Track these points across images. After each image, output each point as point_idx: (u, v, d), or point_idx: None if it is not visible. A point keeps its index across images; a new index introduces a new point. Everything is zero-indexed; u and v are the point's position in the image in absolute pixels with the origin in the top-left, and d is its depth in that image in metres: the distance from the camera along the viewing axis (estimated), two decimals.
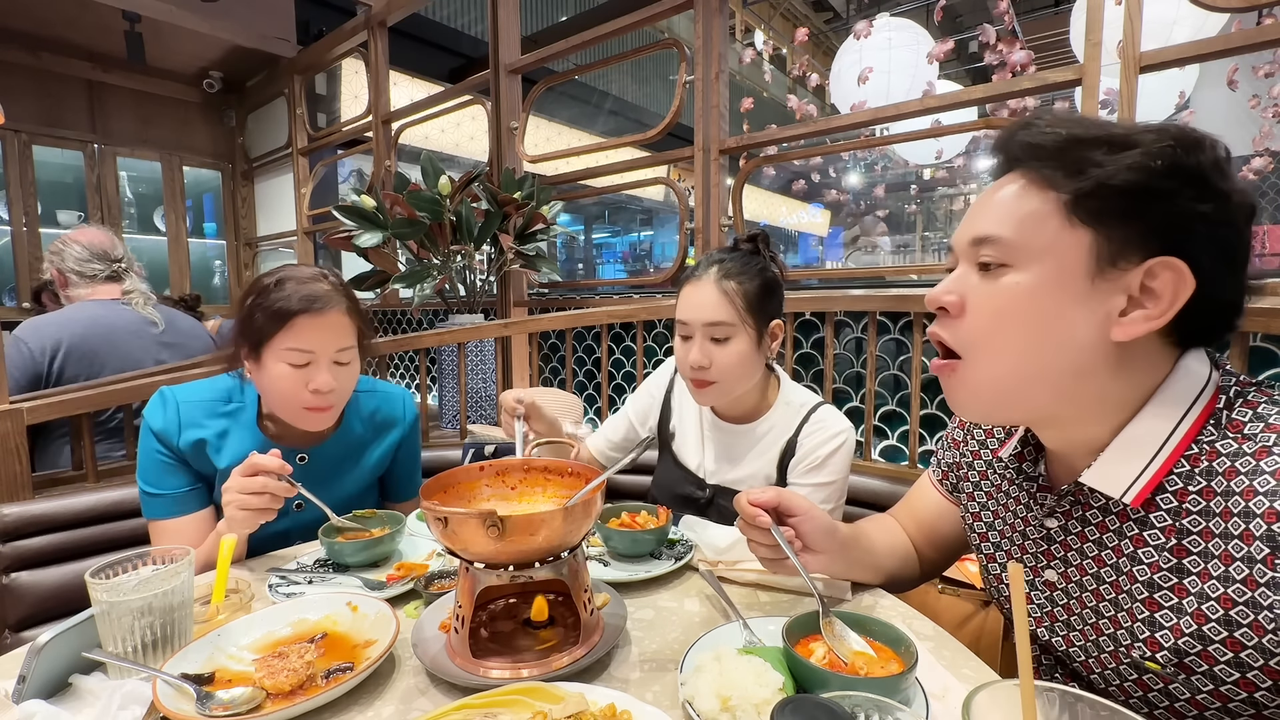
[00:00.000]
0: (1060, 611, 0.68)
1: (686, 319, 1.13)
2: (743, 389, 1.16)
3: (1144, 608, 0.59)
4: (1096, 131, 0.56)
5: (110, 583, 0.69)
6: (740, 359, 1.11)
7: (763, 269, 1.13)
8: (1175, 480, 0.57)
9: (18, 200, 3.69)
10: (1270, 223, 4.39)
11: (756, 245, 1.18)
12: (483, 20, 5.54)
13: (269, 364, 1.05)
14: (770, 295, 1.13)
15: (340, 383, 1.08)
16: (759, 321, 1.11)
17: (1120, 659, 0.61)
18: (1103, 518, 0.63)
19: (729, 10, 2.42)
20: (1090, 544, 0.64)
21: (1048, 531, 0.68)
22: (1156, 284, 0.54)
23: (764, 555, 0.81)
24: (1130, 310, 0.55)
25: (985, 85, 1.87)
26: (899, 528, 0.96)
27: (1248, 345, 1.32)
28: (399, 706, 0.64)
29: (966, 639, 0.93)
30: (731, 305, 1.09)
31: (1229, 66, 3.39)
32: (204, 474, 1.11)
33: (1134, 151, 0.53)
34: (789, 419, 1.17)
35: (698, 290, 1.11)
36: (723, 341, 1.10)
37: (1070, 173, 0.55)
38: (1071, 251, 0.55)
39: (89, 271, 1.93)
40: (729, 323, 1.09)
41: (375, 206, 2.37)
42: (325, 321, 1.05)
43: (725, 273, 1.10)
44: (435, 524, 0.66)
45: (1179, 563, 0.57)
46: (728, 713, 0.57)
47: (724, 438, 1.23)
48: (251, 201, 4.73)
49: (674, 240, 7.52)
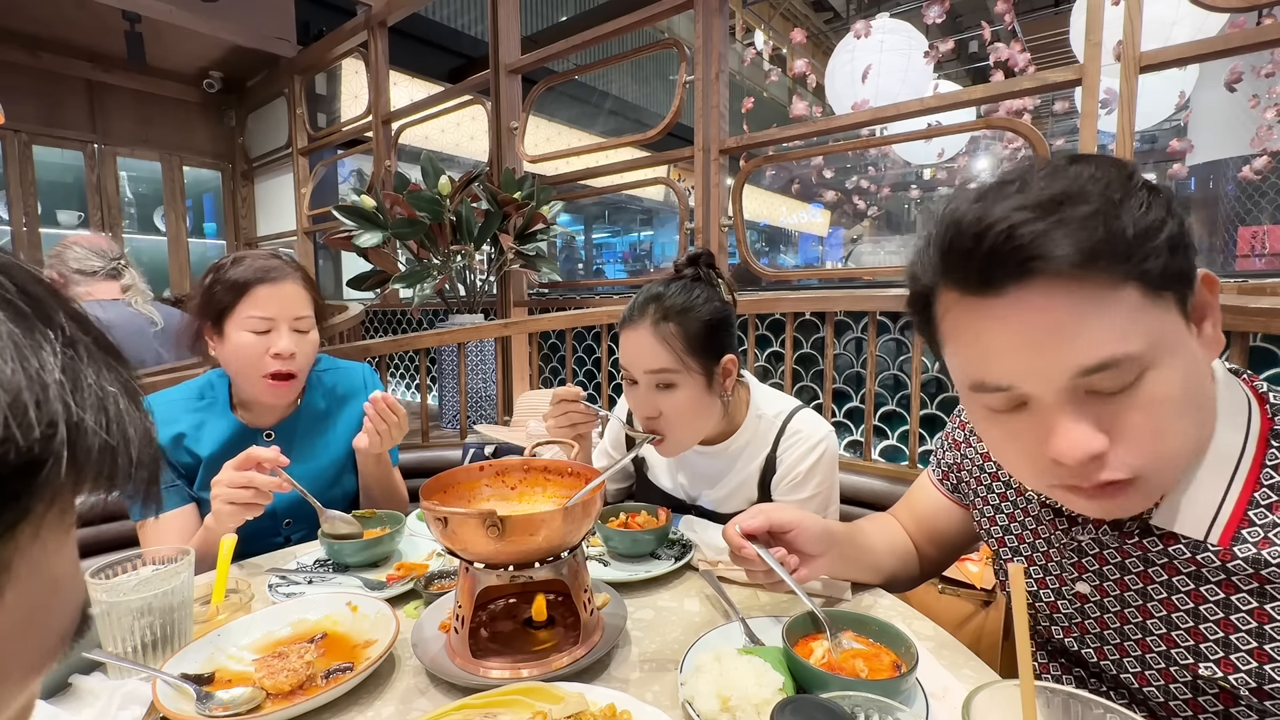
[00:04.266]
0: (1093, 624, 0.65)
1: (627, 365, 1.04)
2: (702, 434, 1.08)
3: (1188, 636, 0.56)
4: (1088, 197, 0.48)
5: (110, 583, 0.69)
6: (690, 405, 1.02)
7: (706, 299, 1.03)
8: (1252, 523, 0.53)
9: (18, 200, 3.70)
10: (1270, 223, 4.38)
11: (699, 270, 1.08)
12: (483, 20, 5.54)
13: (231, 334, 1.10)
14: (716, 331, 1.02)
15: (301, 349, 1.13)
16: (705, 363, 1.01)
17: (1173, 677, 0.58)
18: (1141, 538, 0.59)
19: (729, 10, 2.42)
20: (1134, 559, 0.60)
21: (1079, 544, 0.65)
22: (1201, 296, 0.52)
23: (761, 581, 0.80)
24: (1200, 328, 0.52)
25: (985, 85, 1.87)
26: (899, 527, 0.95)
27: (1248, 345, 1.32)
28: (399, 706, 0.64)
29: (966, 639, 0.93)
30: (671, 351, 0.99)
31: (1229, 66, 3.38)
32: (186, 470, 1.13)
33: (1137, 201, 0.49)
34: (764, 433, 1.10)
35: (634, 336, 1.02)
36: (668, 388, 1.01)
37: (1123, 254, 0.47)
38: (1170, 323, 0.50)
39: (88, 269, 1.93)
40: (670, 369, 0.99)
41: (375, 206, 2.37)
42: (281, 290, 1.12)
43: (663, 313, 1.00)
44: (435, 524, 0.66)
45: (1227, 599, 0.54)
46: (728, 713, 0.57)
47: (697, 461, 1.16)
48: (251, 201, 4.73)
49: (674, 240, 7.52)
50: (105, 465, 0.20)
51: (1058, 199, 0.48)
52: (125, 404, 0.21)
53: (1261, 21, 1.92)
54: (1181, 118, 5.05)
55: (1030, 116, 5.13)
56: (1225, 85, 3.30)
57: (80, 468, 0.19)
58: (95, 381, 0.20)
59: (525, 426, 2.20)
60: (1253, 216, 4.45)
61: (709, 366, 1.02)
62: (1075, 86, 1.60)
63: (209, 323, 1.12)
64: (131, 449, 0.21)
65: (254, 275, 1.10)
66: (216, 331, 1.12)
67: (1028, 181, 0.50)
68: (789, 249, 12.18)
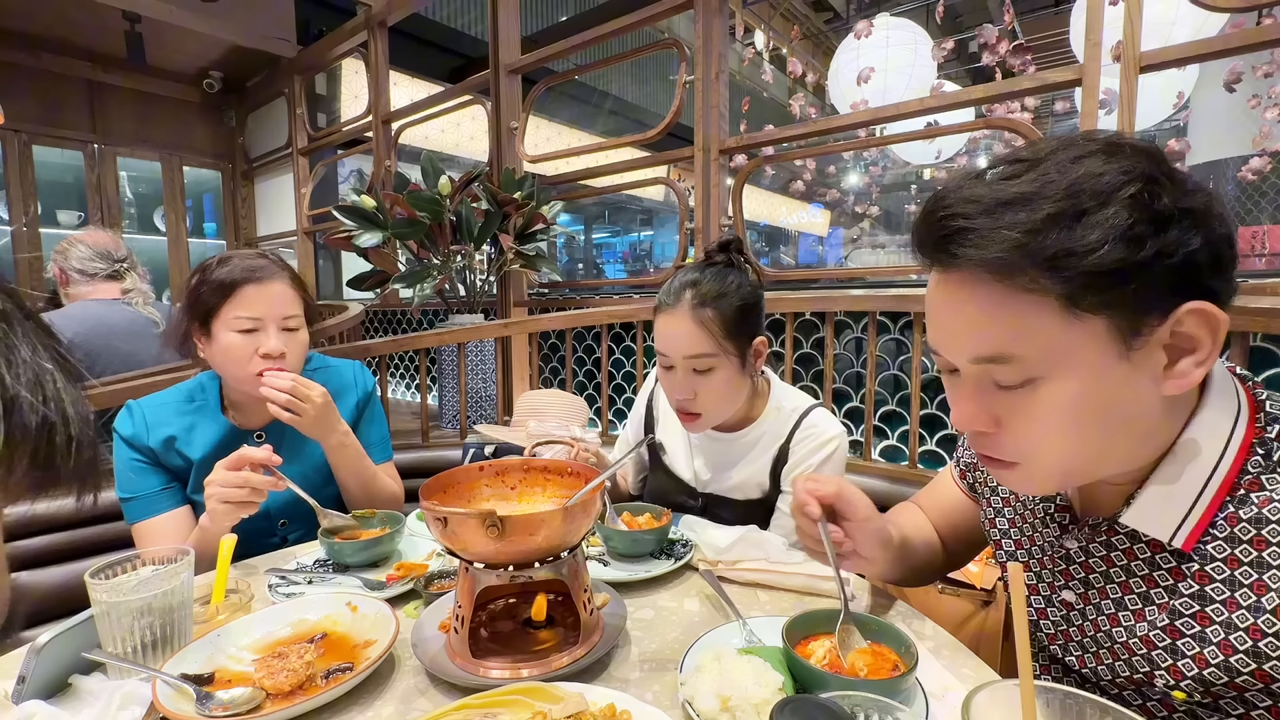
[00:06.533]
0: (1076, 632, 0.66)
1: (665, 350, 1.07)
2: (731, 412, 1.12)
3: (1165, 635, 0.57)
4: (1043, 205, 0.48)
5: (110, 583, 0.69)
6: (725, 387, 1.06)
7: (739, 285, 1.07)
8: (1224, 526, 0.54)
9: (18, 200, 3.69)
10: (1270, 223, 4.38)
11: (730, 256, 1.12)
12: (483, 20, 5.54)
13: (219, 335, 1.09)
14: (749, 314, 1.06)
15: (290, 349, 1.12)
16: (741, 346, 1.05)
17: (1141, 684, 0.60)
18: (1130, 544, 0.60)
19: (729, 10, 2.42)
20: (1117, 569, 0.61)
21: (1066, 552, 0.66)
22: (1187, 329, 0.50)
23: (808, 545, 0.79)
24: (1175, 360, 0.51)
25: (985, 85, 1.87)
26: (926, 520, 0.95)
27: (1248, 345, 1.32)
28: (399, 706, 0.64)
29: (966, 639, 0.93)
30: (710, 336, 1.03)
31: (1229, 66, 3.38)
32: (178, 473, 1.13)
33: (1103, 216, 0.47)
34: (780, 425, 1.13)
35: (673, 321, 1.05)
36: (705, 372, 1.04)
37: (1045, 268, 0.48)
38: (1092, 344, 0.50)
39: (91, 270, 1.93)
40: (710, 353, 1.03)
41: (375, 206, 2.37)
42: (269, 289, 1.11)
43: (700, 299, 1.03)
44: (435, 524, 0.66)
45: (1201, 589, 0.55)
46: (727, 713, 0.57)
47: (714, 447, 1.19)
48: (251, 201, 4.73)
49: (674, 240, 7.51)
50: (43, 442, 0.19)
51: (1012, 200, 0.50)
52: (63, 382, 0.20)
53: (1261, 21, 1.92)
54: (1181, 118, 5.05)
55: (1030, 116, 5.13)
56: (1225, 85, 3.30)
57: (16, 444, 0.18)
58: (30, 358, 0.19)
59: (525, 426, 2.19)
60: (1253, 216, 4.45)
61: (743, 348, 1.06)
62: (1075, 86, 1.60)
63: (197, 324, 1.11)
64: (71, 427, 0.20)
65: (240, 275, 1.09)
66: (204, 333, 1.11)
67: (1016, 174, 0.51)
68: (789, 249, 12.18)
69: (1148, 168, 0.49)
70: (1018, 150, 0.54)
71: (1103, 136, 0.53)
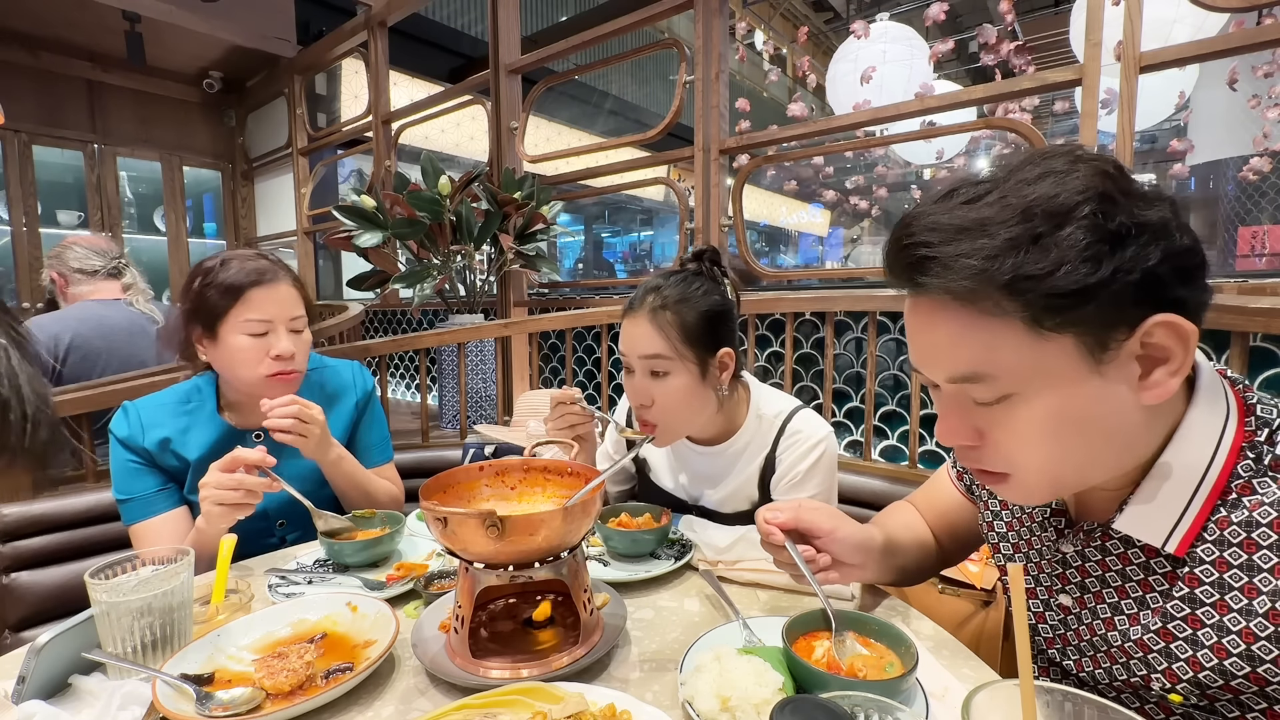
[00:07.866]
0: (1073, 636, 0.67)
1: (623, 350, 1.07)
2: (693, 426, 1.10)
3: (1159, 639, 0.57)
4: (1000, 230, 0.49)
5: (110, 583, 0.69)
6: (681, 394, 1.03)
7: (706, 293, 1.05)
8: (1215, 530, 0.54)
9: (18, 200, 3.70)
10: (1270, 222, 4.38)
11: (702, 265, 1.10)
12: (483, 20, 5.54)
13: (227, 339, 1.08)
14: (714, 323, 1.04)
15: (298, 349, 1.13)
16: (700, 353, 1.03)
17: (1138, 687, 0.60)
18: (1125, 549, 0.61)
19: (729, 10, 2.42)
20: (1112, 574, 0.62)
21: (1063, 556, 0.67)
22: (1158, 340, 0.50)
23: (788, 572, 0.79)
24: (1149, 371, 0.52)
25: (985, 85, 1.87)
26: (920, 519, 0.95)
27: (1248, 345, 1.32)
28: (399, 706, 0.64)
29: (966, 639, 0.93)
30: (665, 338, 1.01)
31: (1229, 66, 3.38)
32: (174, 474, 1.12)
33: (1059, 239, 0.48)
34: (763, 434, 1.10)
35: (632, 322, 1.05)
36: (661, 376, 1.03)
37: (1006, 292, 0.49)
38: (1062, 360, 0.51)
39: (90, 267, 1.93)
40: (665, 356, 1.01)
41: (375, 206, 2.37)
42: (276, 291, 1.11)
43: (662, 302, 1.02)
44: (435, 524, 0.66)
45: (1194, 593, 0.55)
46: (727, 713, 0.57)
47: (697, 461, 1.16)
48: (251, 201, 4.73)
49: (674, 240, 7.52)
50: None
51: (970, 227, 0.51)
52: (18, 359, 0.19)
53: (1261, 21, 1.92)
54: (1181, 118, 5.04)
55: (1030, 116, 5.13)
56: (1227, 85, 3.30)
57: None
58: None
59: (525, 426, 2.20)
60: (1253, 216, 4.44)
61: (703, 357, 1.04)
62: (1075, 86, 1.60)
63: (200, 328, 1.09)
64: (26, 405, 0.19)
65: (247, 278, 1.08)
66: (209, 336, 1.09)
67: (979, 195, 0.52)
68: (789, 249, 12.17)
69: (1102, 185, 0.49)
70: (990, 171, 0.55)
71: (1063, 151, 0.53)
